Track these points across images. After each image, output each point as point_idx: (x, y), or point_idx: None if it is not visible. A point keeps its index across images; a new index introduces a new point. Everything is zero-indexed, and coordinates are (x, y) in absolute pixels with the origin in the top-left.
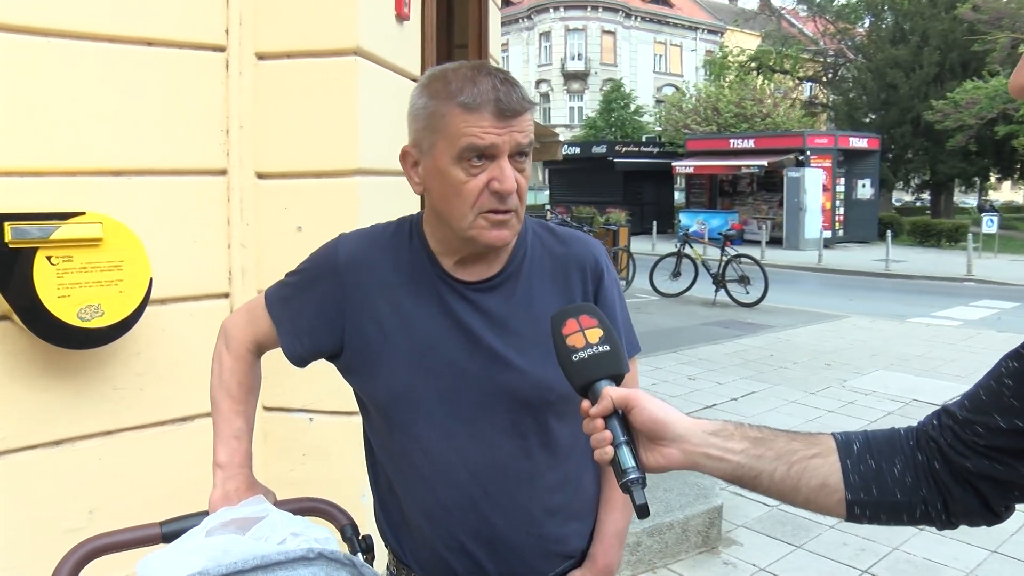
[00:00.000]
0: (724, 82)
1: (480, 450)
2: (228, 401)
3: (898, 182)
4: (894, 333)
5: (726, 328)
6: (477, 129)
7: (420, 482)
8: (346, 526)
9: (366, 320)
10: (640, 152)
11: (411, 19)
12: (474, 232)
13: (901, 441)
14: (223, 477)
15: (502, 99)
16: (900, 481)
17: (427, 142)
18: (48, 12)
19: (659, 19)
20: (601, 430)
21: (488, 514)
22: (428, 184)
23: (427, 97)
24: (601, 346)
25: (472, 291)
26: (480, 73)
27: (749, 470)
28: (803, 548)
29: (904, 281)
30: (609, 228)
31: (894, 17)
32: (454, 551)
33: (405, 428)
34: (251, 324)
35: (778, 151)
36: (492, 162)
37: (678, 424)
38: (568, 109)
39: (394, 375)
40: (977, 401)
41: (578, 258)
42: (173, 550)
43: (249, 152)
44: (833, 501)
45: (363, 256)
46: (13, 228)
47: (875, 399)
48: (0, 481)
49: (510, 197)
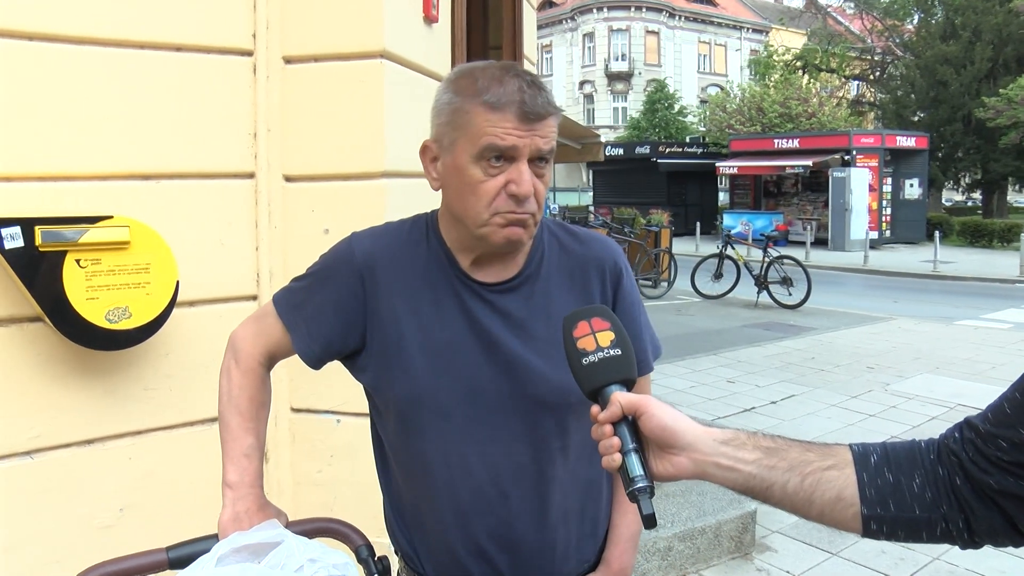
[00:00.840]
0: (769, 81)
1: (499, 453)
2: (238, 418)
3: (948, 181)
4: (940, 336)
5: (767, 330)
6: (499, 129)
7: (438, 485)
8: (361, 547)
9: (385, 319)
10: (684, 153)
11: (440, 21)
12: (487, 231)
13: (922, 454)
14: (233, 497)
15: (527, 101)
16: (919, 496)
17: (448, 138)
18: (80, 20)
19: (703, 18)
20: (609, 436)
21: (507, 517)
22: (446, 181)
23: (452, 93)
24: (612, 350)
25: (491, 292)
26: (508, 74)
27: (761, 481)
28: (839, 556)
29: (953, 283)
30: (650, 229)
31: (945, 12)
32: (472, 555)
33: (423, 430)
34: (261, 335)
35: (823, 151)
36: (511, 164)
37: (688, 432)
38: (612, 110)
39: (412, 376)
40: (1001, 414)
41: (597, 258)
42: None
43: (276, 155)
44: (848, 515)
45: (380, 254)
46: (43, 232)
47: (918, 403)
48: (34, 479)
49: (527, 201)
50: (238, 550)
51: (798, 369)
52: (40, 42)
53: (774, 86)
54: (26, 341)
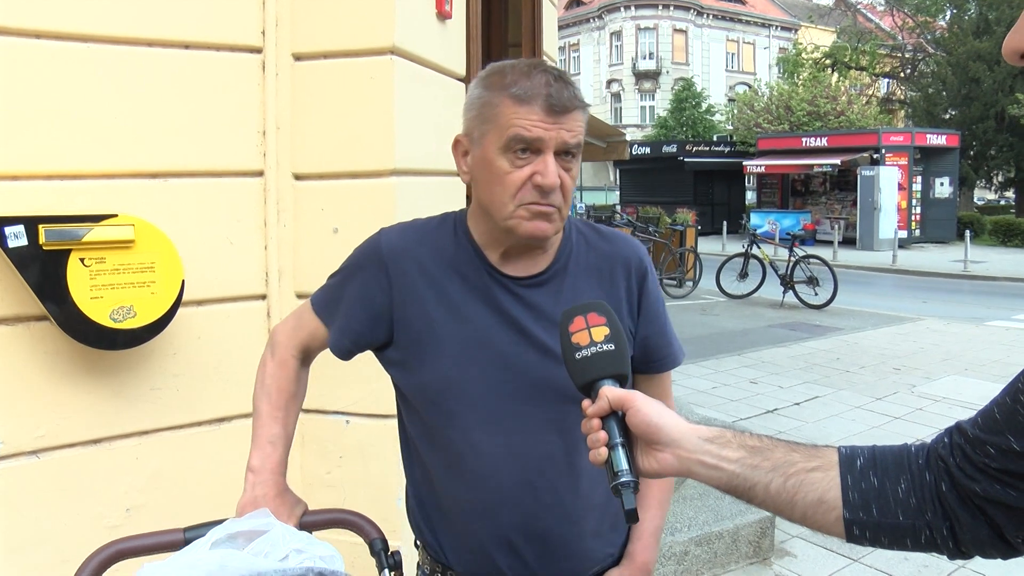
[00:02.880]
0: (797, 80)
1: (527, 444)
2: (267, 407)
3: (980, 180)
4: (970, 337)
5: (792, 330)
6: (526, 121)
7: (465, 476)
8: (375, 540)
9: (413, 311)
10: (711, 151)
11: (454, 17)
12: (513, 222)
13: (910, 459)
14: (253, 482)
15: (553, 95)
16: (903, 502)
17: (478, 131)
18: (87, 18)
19: (731, 16)
20: (597, 430)
21: (534, 508)
22: (475, 173)
23: (482, 88)
24: (605, 345)
25: (520, 286)
26: (536, 69)
27: (744, 481)
28: (860, 562)
29: (984, 283)
30: (676, 228)
31: (978, 7)
32: (499, 546)
33: (452, 420)
34: (298, 329)
35: (852, 149)
36: (537, 156)
37: (673, 429)
38: (639, 109)
39: (442, 367)
40: (991, 419)
41: (623, 256)
42: (172, 561)
43: (286, 153)
44: (831, 519)
45: (407, 247)
46: (47, 230)
47: (946, 406)
48: (40, 478)
49: (552, 193)
50: (232, 536)
51: (823, 370)
52: (47, 40)
53: (802, 84)
54: (32, 340)
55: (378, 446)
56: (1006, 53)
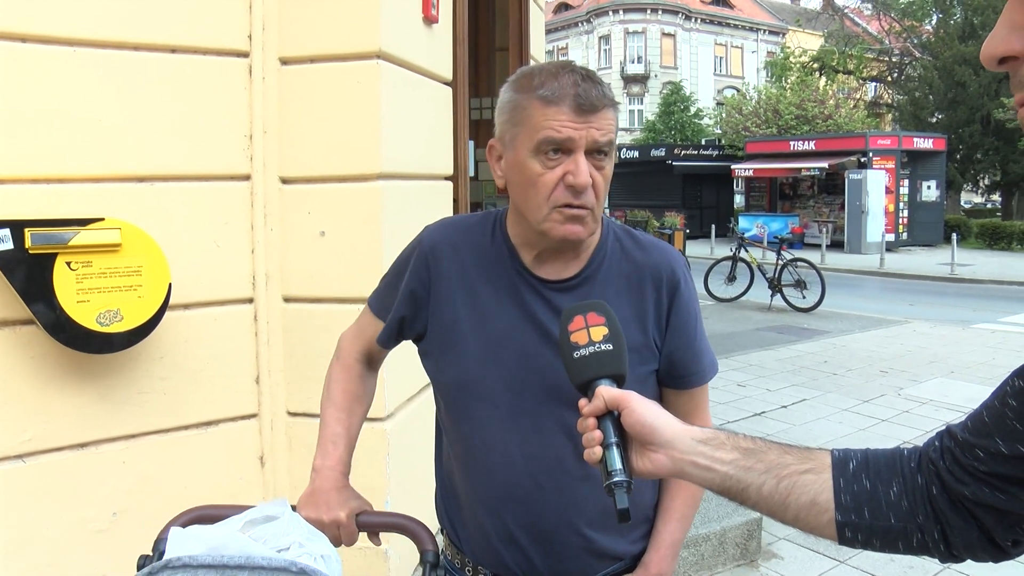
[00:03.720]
0: (785, 83)
1: (539, 443)
2: (331, 408)
3: (966, 183)
4: (957, 339)
5: (780, 334)
6: (555, 122)
7: (479, 470)
8: (428, 552)
9: (444, 305)
10: (699, 155)
11: (441, 22)
12: (548, 225)
13: (903, 462)
14: (314, 478)
15: (581, 94)
16: (895, 505)
17: (509, 135)
18: (74, 22)
19: (720, 20)
20: (592, 429)
21: (540, 508)
22: (509, 177)
23: (512, 92)
24: (604, 344)
25: (549, 289)
26: (564, 70)
27: (737, 482)
28: (847, 563)
29: (970, 285)
30: (664, 232)
31: (964, 12)
32: (506, 543)
33: (470, 415)
34: (359, 332)
35: (839, 153)
36: (568, 156)
37: (667, 430)
38: (628, 112)
39: (464, 362)
40: (980, 423)
41: (654, 268)
42: (201, 531)
43: (273, 157)
44: (823, 521)
45: (447, 242)
46: (33, 234)
47: (932, 408)
48: (26, 482)
49: (585, 193)
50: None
51: (810, 373)
52: (33, 44)
53: (790, 88)
54: (19, 344)
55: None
56: (984, 58)
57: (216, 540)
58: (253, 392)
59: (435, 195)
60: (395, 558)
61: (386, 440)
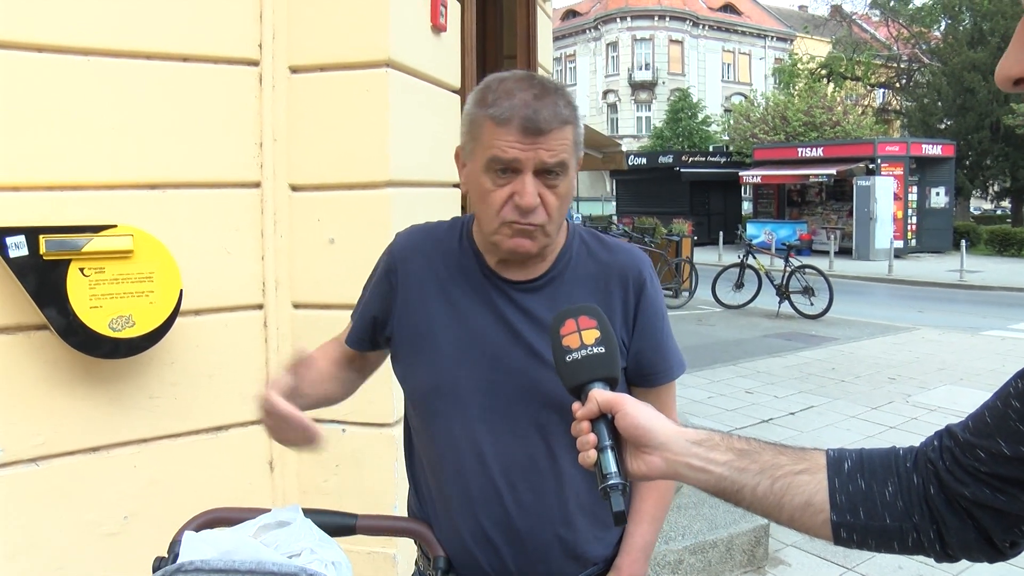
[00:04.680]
0: (793, 90)
1: (511, 445)
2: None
3: (976, 190)
4: (966, 346)
5: (788, 340)
6: (503, 143)
7: (450, 471)
8: (439, 557)
9: (415, 308)
10: (707, 162)
11: (449, 30)
12: (498, 238)
13: (898, 461)
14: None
15: (530, 116)
16: (891, 505)
17: (468, 147)
18: (87, 32)
19: (727, 27)
20: (587, 432)
21: (512, 509)
22: (467, 187)
23: (472, 105)
24: (596, 348)
25: (516, 290)
26: (520, 87)
27: (731, 484)
28: (855, 570)
29: (979, 292)
30: (671, 239)
31: (973, 18)
32: (479, 544)
33: (441, 417)
34: (337, 338)
35: (848, 159)
36: (516, 176)
37: (661, 432)
38: (635, 119)
39: (434, 364)
40: (981, 423)
41: (621, 268)
42: (213, 535)
43: (282, 164)
44: (818, 522)
45: (416, 246)
46: (47, 240)
47: (941, 415)
48: (39, 485)
49: (532, 212)
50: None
51: (818, 380)
52: (49, 53)
53: (798, 95)
54: (32, 349)
55: (374, 454)
56: (999, 80)
57: (228, 545)
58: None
59: (444, 202)
60: (403, 563)
61: (394, 445)
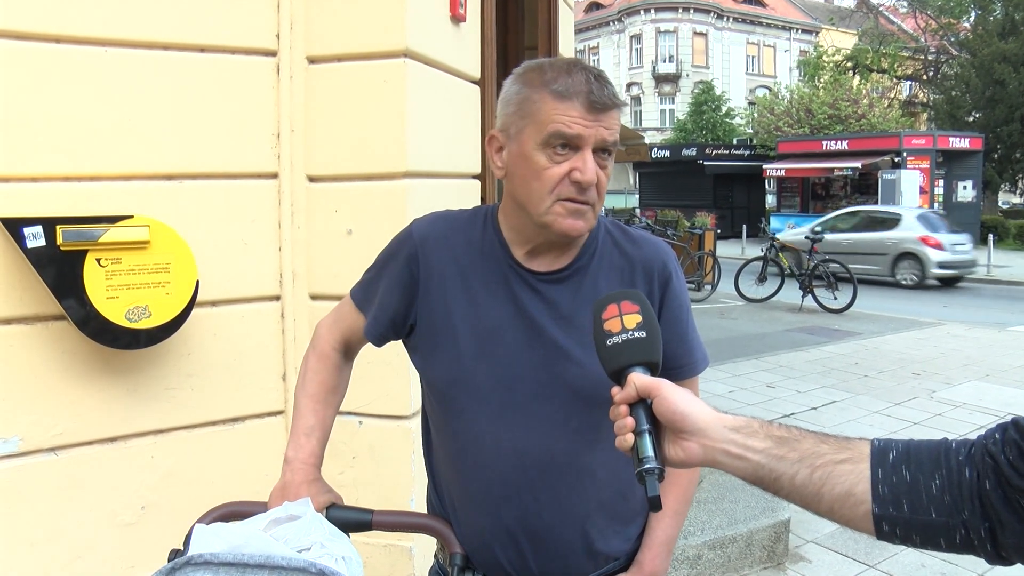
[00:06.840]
0: (818, 83)
1: (532, 440)
2: (305, 399)
3: (1004, 184)
4: (992, 342)
5: (811, 335)
6: (566, 118)
7: (471, 468)
8: (456, 554)
9: (436, 299)
10: (731, 155)
11: (468, 20)
12: (550, 218)
13: (949, 454)
14: (286, 470)
15: (594, 92)
16: (937, 499)
17: (515, 127)
18: (105, 23)
19: (752, 19)
20: (625, 416)
21: (533, 505)
22: (511, 169)
23: (520, 84)
24: (637, 332)
25: (540, 281)
26: (575, 67)
27: (769, 472)
28: (876, 568)
29: (1007, 287)
30: (694, 232)
31: (1004, 8)
32: (499, 541)
33: (461, 411)
34: (338, 322)
35: (873, 152)
36: (576, 152)
37: (699, 417)
38: (659, 112)
39: (454, 358)
40: None
41: (646, 261)
42: (224, 528)
43: (300, 155)
44: (859, 513)
45: (437, 235)
46: (64, 231)
47: (966, 411)
48: (58, 475)
49: (589, 189)
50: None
51: (841, 375)
52: (67, 44)
53: (823, 87)
54: (50, 339)
55: (390, 447)
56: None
57: (238, 539)
58: (279, 389)
59: (462, 194)
60: (420, 556)
61: (411, 438)
